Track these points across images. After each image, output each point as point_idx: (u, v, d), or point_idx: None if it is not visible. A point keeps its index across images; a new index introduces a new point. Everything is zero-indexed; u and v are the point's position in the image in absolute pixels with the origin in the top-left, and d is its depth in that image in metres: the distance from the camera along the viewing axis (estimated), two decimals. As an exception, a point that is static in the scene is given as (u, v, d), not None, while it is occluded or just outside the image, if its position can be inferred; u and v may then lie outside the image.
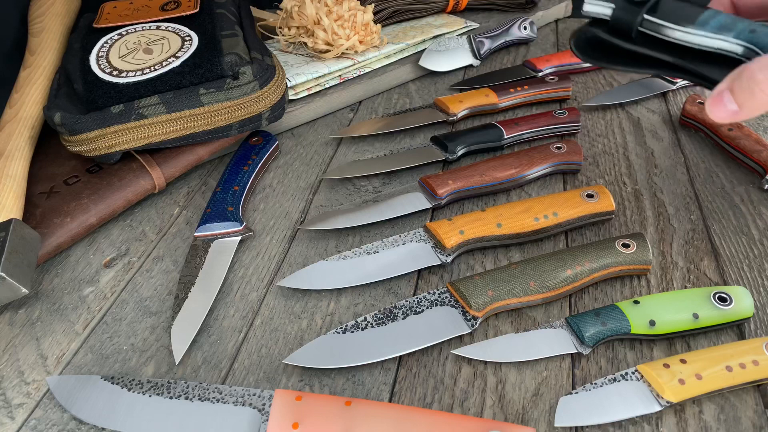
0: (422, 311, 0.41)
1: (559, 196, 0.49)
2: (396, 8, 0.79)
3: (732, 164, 0.57)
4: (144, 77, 0.53)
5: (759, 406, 0.37)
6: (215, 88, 0.53)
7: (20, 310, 0.45)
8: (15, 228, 0.43)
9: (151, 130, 0.52)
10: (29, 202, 0.50)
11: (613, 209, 0.49)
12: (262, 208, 0.54)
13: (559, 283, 0.42)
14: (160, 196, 0.56)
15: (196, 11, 0.61)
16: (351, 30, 0.69)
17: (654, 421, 0.36)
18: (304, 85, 0.67)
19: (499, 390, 0.38)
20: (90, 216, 0.51)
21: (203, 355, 0.41)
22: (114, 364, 0.41)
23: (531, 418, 0.36)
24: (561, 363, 0.39)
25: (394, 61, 0.74)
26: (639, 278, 0.45)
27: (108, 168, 0.54)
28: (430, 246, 0.46)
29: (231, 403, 0.36)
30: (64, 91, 0.55)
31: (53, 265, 0.49)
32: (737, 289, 0.41)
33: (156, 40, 0.58)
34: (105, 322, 0.44)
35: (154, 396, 0.37)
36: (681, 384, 0.36)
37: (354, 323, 0.41)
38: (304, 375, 0.39)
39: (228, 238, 0.49)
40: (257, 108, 0.55)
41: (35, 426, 0.37)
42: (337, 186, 0.56)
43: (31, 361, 0.41)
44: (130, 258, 0.50)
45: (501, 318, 0.43)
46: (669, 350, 0.40)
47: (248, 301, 0.45)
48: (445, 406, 0.37)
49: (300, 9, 0.69)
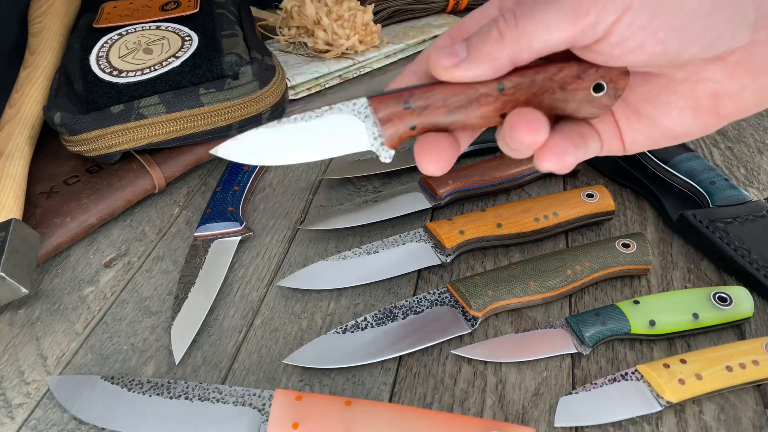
0: (422, 311, 0.41)
1: (559, 196, 0.49)
2: (396, 8, 0.79)
3: (732, 164, 0.57)
4: (144, 77, 0.53)
5: (759, 406, 0.37)
6: (215, 88, 0.53)
7: (20, 310, 0.45)
8: (15, 228, 0.43)
9: (151, 130, 0.52)
10: (29, 202, 0.50)
11: (614, 209, 0.49)
12: (262, 208, 0.54)
13: (559, 283, 0.42)
14: (160, 196, 0.56)
15: (196, 11, 0.61)
16: (351, 30, 0.68)
17: (654, 421, 0.36)
18: (304, 85, 0.67)
19: (499, 390, 0.38)
20: (90, 216, 0.51)
21: (203, 355, 0.41)
22: (114, 364, 0.41)
23: (531, 418, 0.36)
24: (561, 363, 0.39)
25: (394, 61, 0.74)
26: (639, 278, 0.45)
27: (108, 168, 0.54)
28: (430, 246, 0.46)
29: (231, 403, 0.36)
30: (64, 91, 0.54)
31: (53, 265, 0.49)
32: (737, 290, 0.41)
33: (156, 40, 0.58)
34: (105, 322, 0.44)
35: (154, 396, 0.37)
36: (681, 384, 0.36)
37: (354, 323, 0.41)
38: (304, 375, 0.39)
39: (228, 238, 0.49)
40: (257, 108, 0.55)
41: (35, 426, 0.37)
42: (337, 186, 0.56)
43: (31, 361, 0.41)
44: (130, 258, 0.50)
45: (501, 318, 0.43)
46: (669, 350, 0.40)
47: (248, 301, 0.45)
48: (445, 406, 0.37)
49: (300, 9, 0.69)
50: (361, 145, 0.29)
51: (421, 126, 0.28)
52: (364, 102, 0.28)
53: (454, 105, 0.27)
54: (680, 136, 0.29)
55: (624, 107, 0.29)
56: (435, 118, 0.28)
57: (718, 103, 0.27)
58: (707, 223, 0.46)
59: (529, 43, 0.25)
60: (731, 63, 0.26)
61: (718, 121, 0.28)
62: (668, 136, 0.29)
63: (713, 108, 0.27)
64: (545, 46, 0.25)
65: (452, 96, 0.27)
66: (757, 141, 0.60)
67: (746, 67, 0.26)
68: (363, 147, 0.29)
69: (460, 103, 0.27)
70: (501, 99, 0.27)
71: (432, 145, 0.28)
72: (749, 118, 0.63)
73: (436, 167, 0.28)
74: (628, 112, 0.29)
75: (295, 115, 0.29)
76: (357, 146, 0.29)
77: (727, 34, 0.25)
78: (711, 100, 0.27)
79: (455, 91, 0.27)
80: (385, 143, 0.28)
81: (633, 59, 0.25)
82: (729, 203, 0.47)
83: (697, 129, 0.28)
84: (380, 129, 0.28)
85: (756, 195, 0.53)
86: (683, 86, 0.27)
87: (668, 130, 0.28)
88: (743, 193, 0.48)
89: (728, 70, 0.26)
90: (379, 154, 0.29)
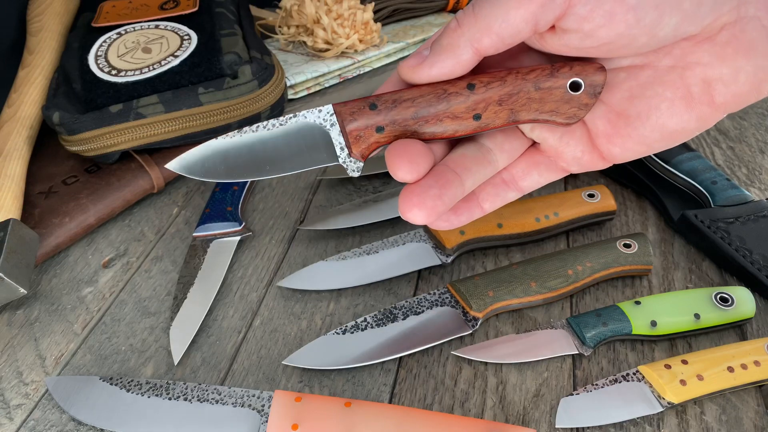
0: (422, 312, 0.41)
1: (560, 196, 0.49)
2: (396, 7, 0.79)
3: (733, 164, 0.57)
4: (143, 76, 0.53)
5: (761, 407, 0.37)
6: (214, 87, 0.53)
7: (19, 311, 0.45)
8: (13, 228, 0.43)
9: (150, 130, 0.52)
10: (27, 202, 0.50)
11: (615, 209, 0.48)
12: (261, 208, 0.54)
13: (560, 284, 0.42)
14: (158, 196, 0.56)
15: (195, 10, 0.61)
16: (351, 29, 0.68)
17: (655, 422, 0.36)
18: (303, 84, 0.66)
19: (499, 391, 0.38)
20: (88, 216, 0.50)
21: (202, 356, 0.41)
22: (113, 365, 0.41)
23: (532, 419, 0.36)
24: (562, 364, 0.39)
25: (394, 60, 0.73)
26: (640, 278, 0.45)
27: (106, 168, 0.54)
28: (431, 246, 0.46)
29: (230, 405, 0.36)
30: (63, 91, 0.54)
31: (52, 265, 0.49)
32: (739, 290, 0.41)
33: (155, 39, 0.57)
34: (104, 322, 0.44)
35: (153, 397, 0.36)
36: (682, 385, 0.36)
37: (354, 324, 0.41)
38: (304, 376, 0.39)
39: (227, 239, 0.49)
40: (256, 107, 0.55)
41: (34, 427, 0.37)
42: (336, 186, 0.56)
43: (29, 362, 0.41)
44: (128, 258, 0.49)
45: (502, 319, 0.42)
46: (670, 351, 0.40)
47: (247, 301, 0.45)
48: (445, 407, 0.37)
49: (299, 8, 0.69)
50: (327, 157, 0.27)
51: (390, 130, 0.27)
52: (330, 109, 0.27)
53: (422, 104, 0.26)
54: (675, 133, 0.27)
55: (607, 112, 0.27)
56: (403, 118, 0.27)
57: (711, 90, 0.25)
58: (709, 223, 0.46)
59: (487, 24, 0.24)
60: (720, 42, 0.24)
61: (714, 111, 0.26)
62: (662, 134, 0.27)
63: (706, 96, 0.25)
64: (505, 28, 0.24)
65: (420, 96, 0.27)
66: (759, 141, 0.59)
67: (737, 47, 0.24)
68: (330, 159, 0.27)
69: (429, 102, 0.26)
70: (472, 98, 0.26)
71: (403, 149, 0.26)
72: (751, 117, 0.63)
73: (408, 172, 0.26)
74: (612, 117, 0.27)
75: (258, 124, 0.27)
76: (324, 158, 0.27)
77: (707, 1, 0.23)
78: (703, 87, 0.25)
79: (424, 91, 0.27)
80: (353, 153, 0.27)
81: (607, 33, 0.23)
82: (730, 203, 0.47)
83: (693, 123, 0.26)
84: (346, 138, 0.27)
85: (758, 195, 0.53)
86: (671, 75, 0.25)
87: (661, 127, 0.26)
88: (745, 193, 0.48)
89: (717, 51, 0.24)
90: (347, 166, 0.27)
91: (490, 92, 0.26)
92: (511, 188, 0.30)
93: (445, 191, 0.26)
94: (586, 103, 0.26)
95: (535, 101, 0.27)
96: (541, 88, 0.26)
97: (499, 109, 0.27)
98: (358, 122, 0.27)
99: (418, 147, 0.26)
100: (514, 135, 0.29)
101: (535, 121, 0.27)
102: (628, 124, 0.27)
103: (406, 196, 0.26)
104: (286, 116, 0.27)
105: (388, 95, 0.27)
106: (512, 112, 0.27)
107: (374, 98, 0.27)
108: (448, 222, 0.29)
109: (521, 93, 0.26)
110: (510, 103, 0.27)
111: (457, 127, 0.27)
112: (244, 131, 0.27)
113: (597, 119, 0.28)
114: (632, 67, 0.26)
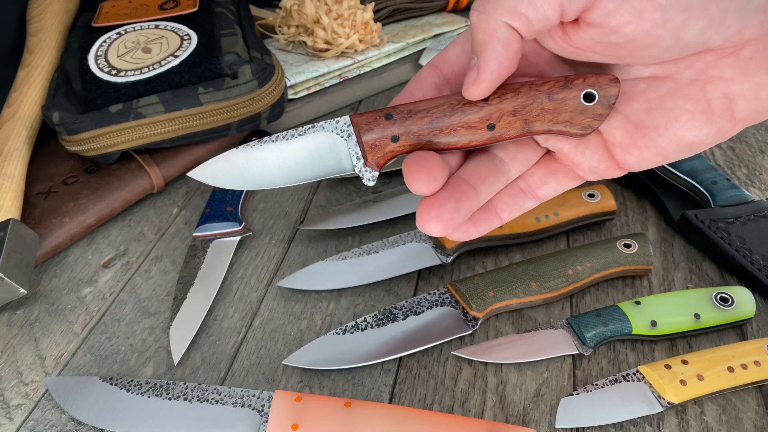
0: (422, 312, 0.41)
1: (560, 196, 0.48)
2: (396, 7, 0.79)
3: (733, 164, 0.57)
4: (142, 76, 0.53)
5: (761, 407, 0.37)
6: (214, 87, 0.53)
7: (18, 311, 0.45)
8: (13, 228, 0.43)
9: (150, 130, 0.52)
10: (27, 202, 0.50)
11: (615, 209, 0.48)
12: (261, 208, 0.54)
13: (560, 284, 0.42)
14: (158, 196, 0.56)
15: (195, 10, 0.61)
16: (351, 29, 0.68)
17: (655, 422, 0.36)
18: (303, 84, 0.66)
19: (499, 391, 0.38)
20: (88, 216, 0.50)
21: (202, 356, 0.41)
22: (113, 365, 0.41)
23: (532, 419, 0.36)
24: (562, 364, 0.39)
25: (394, 60, 0.73)
26: (640, 278, 0.45)
27: (106, 168, 0.54)
28: (431, 246, 0.46)
29: (230, 405, 0.36)
30: (63, 91, 0.54)
31: (51, 265, 0.49)
32: (739, 290, 0.41)
33: (155, 39, 0.57)
34: (104, 322, 0.44)
35: (153, 397, 0.36)
36: (682, 385, 0.35)
37: (354, 324, 0.41)
38: (304, 376, 0.39)
39: (227, 239, 0.49)
40: (256, 107, 0.55)
41: (34, 427, 0.37)
42: (336, 186, 0.56)
43: (29, 362, 0.41)
44: (128, 258, 0.49)
45: (502, 319, 0.42)
46: (670, 351, 0.40)
47: (247, 301, 0.45)
48: (445, 408, 0.37)
49: (299, 8, 0.69)
50: (344, 166, 0.28)
51: (405, 140, 0.27)
52: (347, 120, 0.27)
53: (437, 114, 0.27)
54: (693, 145, 0.26)
55: (624, 122, 0.27)
56: (418, 128, 0.27)
57: (732, 105, 0.25)
58: (709, 223, 0.46)
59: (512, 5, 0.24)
60: (743, 58, 0.24)
61: (734, 125, 0.26)
62: (680, 146, 0.26)
63: (727, 111, 0.25)
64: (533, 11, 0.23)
65: (435, 106, 0.27)
66: (759, 141, 0.59)
67: (760, 63, 0.24)
68: (346, 169, 0.28)
69: (443, 112, 0.27)
70: (486, 108, 0.27)
71: (420, 163, 0.27)
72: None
73: (426, 185, 0.26)
74: (629, 128, 0.27)
75: (277, 134, 0.28)
76: (340, 167, 0.28)
77: (733, 9, 0.23)
78: (724, 102, 0.25)
79: (438, 102, 0.27)
80: (369, 162, 0.28)
81: (632, 30, 0.23)
82: (731, 203, 0.47)
83: (711, 136, 0.26)
84: (362, 147, 0.27)
85: (758, 195, 0.53)
86: (692, 88, 0.25)
87: (679, 139, 0.26)
88: (745, 193, 0.48)
89: (741, 66, 0.24)
90: (362, 175, 0.28)
91: (504, 103, 0.27)
92: (528, 197, 0.30)
93: (461, 204, 0.27)
94: (600, 114, 0.27)
95: (549, 112, 0.27)
96: (555, 98, 0.27)
97: (513, 119, 0.27)
98: (373, 132, 0.27)
99: (434, 160, 0.27)
100: (527, 145, 0.30)
101: (549, 131, 0.27)
102: (646, 135, 0.27)
103: (424, 209, 0.27)
104: (305, 126, 0.28)
105: (404, 106, 0.27)
106: (526, 122, 0.27)
107: (390, 109, 0.27)
108: (467, 233, 0.29)
109: (535, 104, 0.27)
110: (524, 114, 0.27)
111: (472, 137, 0.27)
112: (264, 141, 0.28)
113: (614, 129, 0.28)
114: (653, 78, 0.26)
